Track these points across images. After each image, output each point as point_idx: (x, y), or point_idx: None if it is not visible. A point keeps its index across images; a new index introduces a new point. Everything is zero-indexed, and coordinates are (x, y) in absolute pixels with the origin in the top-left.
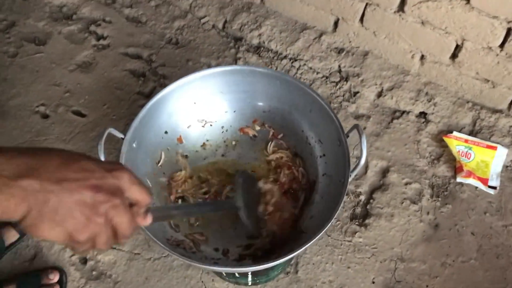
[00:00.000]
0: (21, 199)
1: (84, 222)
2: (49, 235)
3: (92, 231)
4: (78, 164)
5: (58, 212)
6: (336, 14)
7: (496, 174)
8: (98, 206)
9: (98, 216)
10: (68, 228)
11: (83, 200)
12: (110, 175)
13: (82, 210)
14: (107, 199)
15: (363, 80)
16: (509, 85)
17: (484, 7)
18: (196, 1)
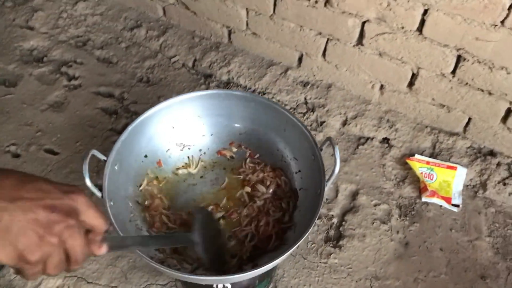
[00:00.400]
0: None
1: (36, 241)
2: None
3: (44, 252)
4: (34, 184)
5: (10, 230)
6: (300, 50)
7: (458, 193)
8: (52, 225)
9: (52, 236)
10: (20, 247)
11: (37, 219)
12: (66, 196)
13: (35, 229)
14: (62, 219)
15: (328, 110)
16: (463, 109)
17: (435, 36)
18: (166, 41)
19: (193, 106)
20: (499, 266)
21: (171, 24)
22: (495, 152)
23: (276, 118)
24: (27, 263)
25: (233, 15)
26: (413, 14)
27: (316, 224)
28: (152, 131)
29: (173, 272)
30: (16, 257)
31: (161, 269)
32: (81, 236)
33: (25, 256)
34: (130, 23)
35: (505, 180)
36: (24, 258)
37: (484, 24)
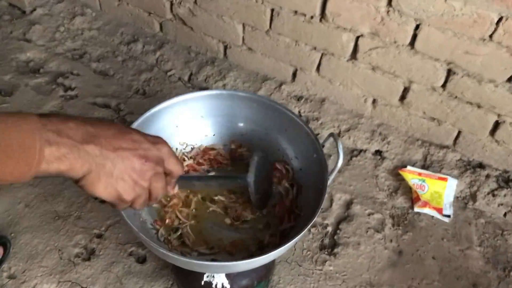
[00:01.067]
0: (85, 161)
1: (131, 185)
2: (102, 192)
3: (136, 193)
4: (129, 136)
5: (112, 175)
6: (295, 64)
7: (449, 204)
8: (144, 173)
9: (144, 181)
10: (119, 189)
11: (133, 166)
12: (154, 147)
13: (131, 175)
14: (152, 167)
15: (322, 123)
16: (452, 122)
17: (426, 50)
18: (162, 56)
19: (196, 106)
20: (490, 275)
21: (167, 39)
22: (484, 164)
23: (278, 118)
24: (122, 201)
25: (229, 30)
26: (406, 29)
27: (311, 232)
28: (156, 129)
29: (171, 254)
30: (116, 196)
31: (162, 252)
32: (163, 180)
33: (122, 196)
34: (127, 37)
35: (494, 191)
36: (121, 197)
37: (473, 38)
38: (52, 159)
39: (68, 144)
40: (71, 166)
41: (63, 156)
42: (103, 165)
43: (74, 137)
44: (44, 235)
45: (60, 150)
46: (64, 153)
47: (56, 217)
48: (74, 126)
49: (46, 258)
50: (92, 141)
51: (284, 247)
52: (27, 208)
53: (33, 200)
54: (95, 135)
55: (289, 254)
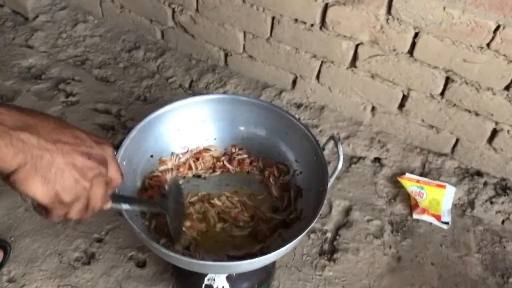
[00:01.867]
0: (19, 150)
1: (72, 184)
2: (37, 191)
3: (76, 194)
4: (71, 130)
5: (50, 170)
6: (295, 72)
7: (447, 211)
8: (87, 171)
9: (86, 180)
10: (57, 187)
11: (74, 163)
12: (98, 146)
13: (72, 173)
14: (96, 166)
15: (321, 131)
16: (451, 129)
17: (425, 58)
18: (164, 63)
19: (198, 110)
20: (488, 281)
21: (168, 47)
22: (482, 172)
23: (279, 122)
24: (60, 203)
25: (230, 38)
26: (405, 37)
27: (310, 238)
28: (158, 132)
29: (170, 253)
30: (53, 196)
31: (164, 252)
32: (105, 188)
33: (60, 196)
34: (129, 45)
35: (492, 199)
36: (59, 198)
37: (471, 47)
38: None
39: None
40: (1, 155)
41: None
42: (40, 156)
43: (5, 123)
44: (44, 239)
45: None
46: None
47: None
48: (5, 112)
49: (46, 262)
50: (28, 129)
51: (285, 247)
52: (27, 212)
53: None
54: (32, 124)
55: (288, 259)
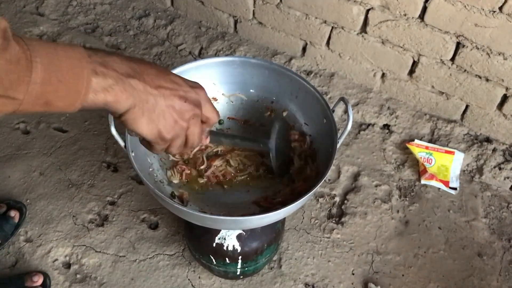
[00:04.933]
0: (130, 94)
1: (172, 124)
2: (144, 128)
3: (175, 132)
4: (169, 77)
5: (154, 111)
6: (305, 39)
7: (455, 177)
8: (184, 113)
9: (183, 121)
10: (159, 126)
11: (173, 106)
12: (193, 90)
13: (172, 114)
14: (191, 108)
15: (331, 98)
16: (461, 95)
17: (436, 23)
18: (173, 30)
19: (209, 72)
20: (495, 245)
21: (178, 14)
22: (491, 138)
23: (289, 85)
24: (162, 139)
25: (240, 4)
26: (416, 1)
27: (319, 202)
28: None
29: (184, 208)
30: (156, 133)
31: (176, 207)
32: (200, 126)
33: (162, 134)
34: (138, 12)
35: (501, 165)
36: (161, 135)
37: (483, 10)
38: (99, 89)
39: (114, 76)
40: (116, 98)
41: (109, 87)
42: (146, 100)
43: (119, 70)
44: (59, 202)
45: (107, 80)
46: (111, 84)
47: (70, 185)
48: (118, 60)
49: (61, 224)
50: (136, 76)
51: (295, 203)
52: (42, 176)
53: (47, 169)
54: (139, 72)
55: (297, 222)
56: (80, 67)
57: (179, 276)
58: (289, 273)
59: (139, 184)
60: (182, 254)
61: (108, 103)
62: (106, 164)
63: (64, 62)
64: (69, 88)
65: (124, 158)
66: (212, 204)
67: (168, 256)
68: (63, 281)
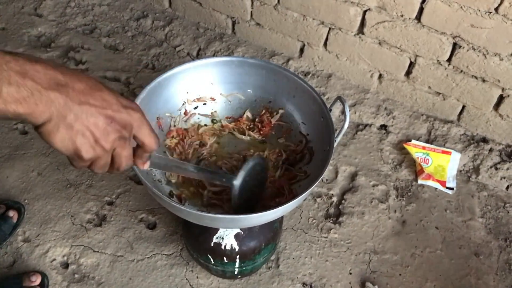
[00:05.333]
0: (46, 108)
1: (92, 143)
2: (58, 144)
3: (96, 153)
4: (100, 93)
5: (73, 128)
6: (302, 40)
7: (452, 177)
8: (108, 133)
9: (106, 142)
10: (77, 144)
11: (97, 124)
12: (125, 110)
13: (93, 133)
14: (117, 130)
15: (329, 98)
16: (457, 96)
17: (432, 24)
18: (171, 31)
19: (207, 72)
20: (491, 245)
21: (176, 15)
22: (488, 139)
23: (286, 85)
24: (79, 158)
25: (238, 5)
26: (413, 2)
27: (316, 202)
28: (167, 94)
29: (182, 207)
30: (72, 151)
31: (175, 206)
32: (129, 149)
33: (79, 152)
34: (137, 13)
35: (497, 165)
36: (78, 154)
37: (479, 11)
38: (10, 99)
39: (30, 87)
40: (30, 110)
41: (22, 99)
42: (64, 116)
43: (38, 81)
44: (57, 202)
45: (21, 92)
46: (24, 96)
47: (68, 185)
48: (41, 70)
49: (59, 224)
50: (58, 89)
51: (293, 201)
52: (40, 176)
53: (45, 169)
54: (63, 84)
55: (295, 222)
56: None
57: (177, 276)
58: (287, 273)
59: (137, 184)
60: (180, 254)
61: (20, 115)
62: None
63: None
64: None
65: None
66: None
67: (166, 256)
68: (61, 280)
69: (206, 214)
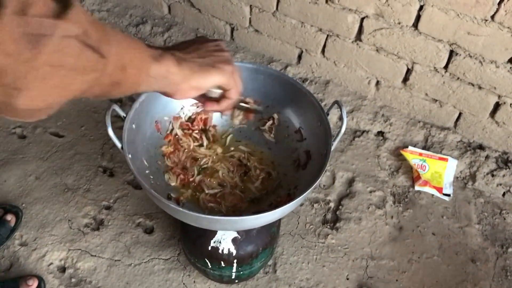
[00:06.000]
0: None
1: (225, 58)
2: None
3: (232, 62)
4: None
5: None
6: (301, 46)
7: (449, 183)
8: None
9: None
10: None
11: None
12: (214, 43)
13: (221, 54)
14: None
15: (326, 105)
16: (454, 103)
17: (429, 31)
18: (170, 37)
19: None
20: (488, 251)
21: (175, 21)
22: (484, 146)
23: (284, 89)
24: (233, 73)
25: (237, 12)
26: (410, 10)
27: (314, 208)
28: (164, 99)
29: (180, 209)
30: (226, 74)
31: (172, 207)
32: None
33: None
34: (136, 19)
35: (493, 172)
36: (230, 71)
37: (475, 19)
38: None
39: (186, 72)
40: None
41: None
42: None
43: (176, 53)
44: (54, 206)
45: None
46: (180, 80)
47: (65, 189)
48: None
49: (56, 228)
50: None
51: (291, 204)
52: (38, 181)
53: (43, 173)
54: (183, 55)
55: (292, 227)
56: (142, 52)
57: (174, 280)
58: (284, 278)
59: (135, 189)
60: (177, 259)
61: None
62: (102, 168)
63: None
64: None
65: (120, 163)
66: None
67: (163, 260)
68: (58, 284)
69: (203, 216)
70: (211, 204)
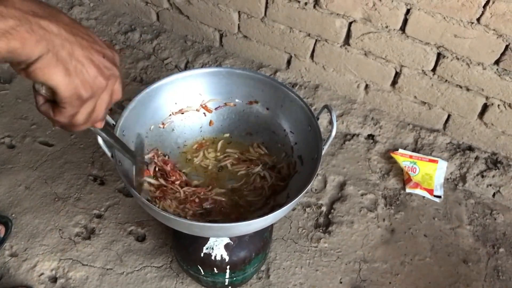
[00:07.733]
0: (41, 37)
1: (91, 79)
2: (59, 80)
3: (93, 91)
4: (84, 28)
5: (71, 61)
6: (289, 51)
7: (439, 185)
8: (103, 68)
9: (103, 78)
10: (77, 80)
11: (92, 59)
12: (108, 49)
13: (91, 67)
14: (110, 66)
15: (316, 109)
16: (442, 105)
17: (417, 34)
18: (159, 45)
19: (195, 83)
20: (479, 252)
21: (164, 28)
22: (473, 147)
23: (274, 95)
24: (78, 98)
25: (225, 18)
26: (397, 14)
27: (306, 212)
28: (156, 105)
29: (171, 216)
30: (73, 89)
31: (163, 215)
32: (111, 95)
33: (79, 90)
34: (124, 27)
35: (483, 173)
36: (78, 92)
37: (461, 22)
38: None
39: (16, 15)
40: (23, 41)
41: (11, 29)
42: (62, 46)
43: (22, 8)
44: (45, 216)
45: (7, 21)
46: (13, 26)
47: (56, 198)
48: (17, 0)
49: (47, 237)
50: (47, 18)
51: (283, 209)
52: (27, 190)
53: (33, 183)
54: (52, 15)
55: (285, 232)
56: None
57: None
58: (278, 283)
59: (126, 197)
60: (170, 266)
61: (13, 51)
62: (93, 177)
63: None
64: None
65: (110, 171)
66: None
67: (156, 268)
68: None
69: (195, 223)
70: (200, 211)
